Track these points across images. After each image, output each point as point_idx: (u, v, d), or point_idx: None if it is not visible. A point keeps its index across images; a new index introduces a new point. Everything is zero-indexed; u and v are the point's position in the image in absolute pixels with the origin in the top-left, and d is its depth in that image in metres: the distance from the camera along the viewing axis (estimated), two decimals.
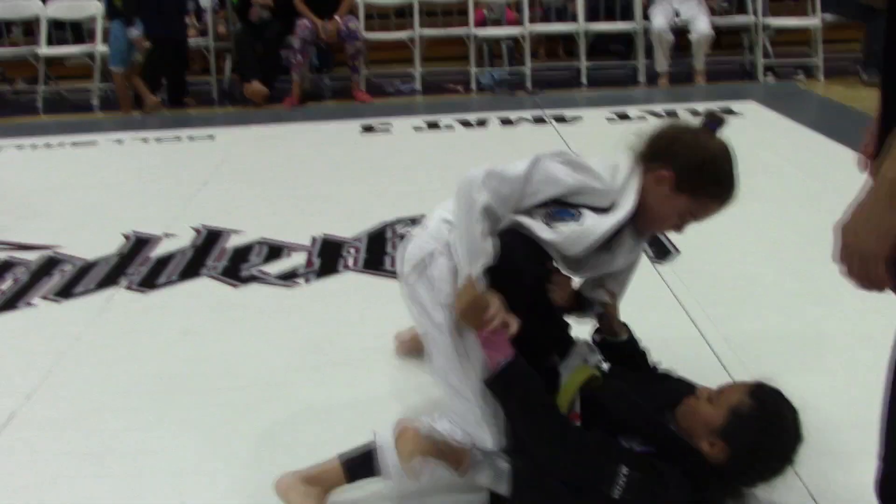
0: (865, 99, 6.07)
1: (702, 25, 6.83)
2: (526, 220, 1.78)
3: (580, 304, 2.06)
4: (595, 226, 1.77)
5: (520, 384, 1.72)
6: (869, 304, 2.74)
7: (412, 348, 2.44)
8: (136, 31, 6.68)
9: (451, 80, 7.60)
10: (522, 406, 1.73)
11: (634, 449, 1.72)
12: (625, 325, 2.11)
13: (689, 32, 6.93)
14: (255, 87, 6.79)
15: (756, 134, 5.20)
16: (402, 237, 2.02)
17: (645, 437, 1.74)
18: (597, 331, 2.11)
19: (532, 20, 7.56)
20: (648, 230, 1.92)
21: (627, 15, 7.45)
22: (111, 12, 6.80)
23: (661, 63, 7.03)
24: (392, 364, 2.51)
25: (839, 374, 2.37)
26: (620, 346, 2.10)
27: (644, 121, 5.67)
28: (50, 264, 3.48)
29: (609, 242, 1.83)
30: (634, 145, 1.86)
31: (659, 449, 1.73)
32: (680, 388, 1.90)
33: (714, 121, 1.85)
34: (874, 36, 6.72)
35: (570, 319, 2.07)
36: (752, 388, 1.75)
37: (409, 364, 2.47)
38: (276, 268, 3.33)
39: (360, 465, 1.85)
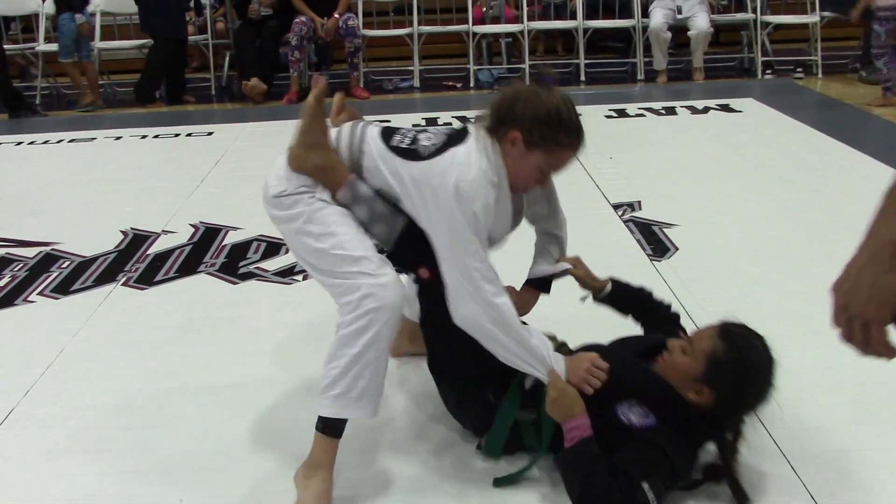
0: (863, 96, 6.08)
1: (701, 22, 6.83)
2: None
3: (546, 284, 2.17)
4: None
5: (586, 459, 1.77)
6: None
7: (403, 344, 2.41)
8: (81, 17, 6.72)
9: (450, 77, 7.60)
10: (580, 473, 1.76)
11: (635, 426, 1.79)
12: (608, 279, 2.20)
13: (689, 30, 6.93)
14: (254, 83, 6.78)
15: (754, 131, 5.20)
16: None
17: (641, 396, 1.82)
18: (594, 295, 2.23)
19: (531, 17, 7.55)
20: (516, 190, 1.95)
21: (626, 12, 7.45)
22: (59, 5, 6.81)
23: (659, 61, 7.03)
24: (391, 361, 2.51)
25: (840, 371, 2.37)
26: (623, 297, 2.21)
27: (643, 118, 5.67)
28: (48, 261, 3.48)
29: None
30: (481, 118, 1.90)
31: (657, 410, 1.80)
32: (651, 342, 2.00)
33: (546, 75, 1.94)
34: (873, 33, 6.71)
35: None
36: (721, 330, 1.85)
37: (408, 360, 2.46)
38: (273, 264, 3.32)
39: (327, 423, 1.86)
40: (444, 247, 1.80)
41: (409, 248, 1.90)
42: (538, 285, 2.17)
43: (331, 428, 1.86)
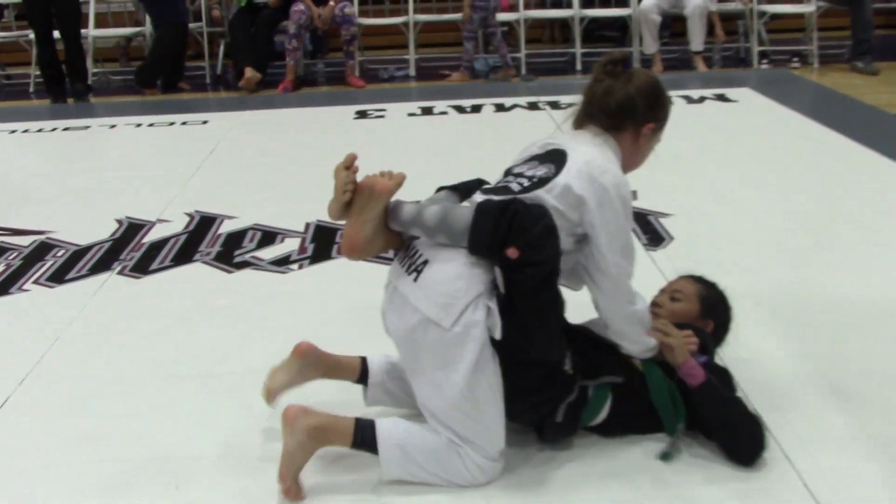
0: (859, 86, 6.08)
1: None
2: None
3: None
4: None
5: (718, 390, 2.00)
6: (863, 292, 2.75)
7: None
8: None
9: (446, 65, 7.58)
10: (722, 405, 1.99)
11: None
12: None
13: (685, 8, 6.85)
14: (248, 74, 6.73)
15: (750, 121, 5.20)
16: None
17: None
18: None
19: (527, 6, 7.53)
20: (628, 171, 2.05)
21: (622, 1, 7.43)
22: None
23: (649, 44, 6.93)
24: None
25: (835, 360, 2.37)
26: None
27: None
28: (43, 249, 3.47)
29: None
30: (589, 117, 2.01)
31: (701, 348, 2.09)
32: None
33: (623, 59, 2.06)
34: (858, 22, 6.71)
35: None
36: (691, 277, 2.31)
37: None
38: (269, 254, 3.32)
39: (369, 439, 1.87)
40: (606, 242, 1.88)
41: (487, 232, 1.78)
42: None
43: (359, 445, 1.88)
